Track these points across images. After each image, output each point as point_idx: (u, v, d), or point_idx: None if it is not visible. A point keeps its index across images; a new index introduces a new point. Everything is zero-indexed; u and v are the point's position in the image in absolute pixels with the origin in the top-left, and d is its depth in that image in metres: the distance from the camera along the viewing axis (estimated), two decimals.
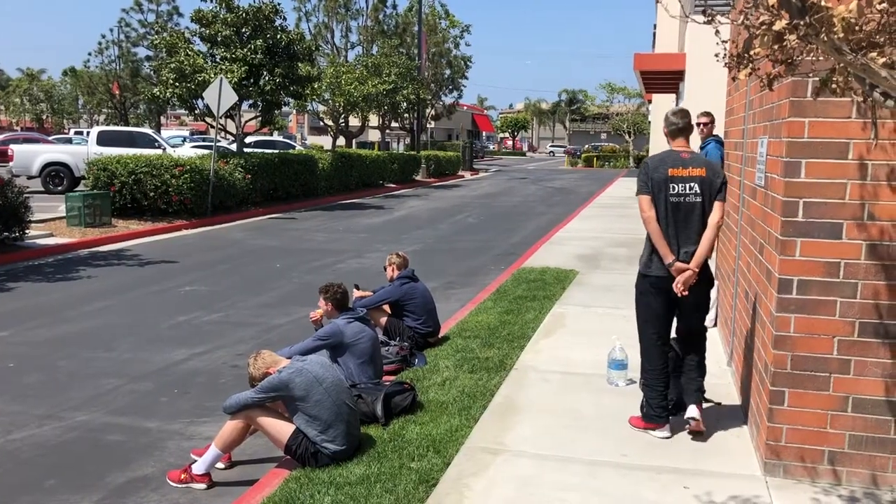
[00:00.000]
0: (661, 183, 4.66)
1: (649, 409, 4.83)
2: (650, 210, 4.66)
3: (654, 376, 4.81)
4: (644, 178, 4.73)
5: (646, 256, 4.77)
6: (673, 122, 4.87)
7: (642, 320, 4.89)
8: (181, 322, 8.51)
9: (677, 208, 4.66)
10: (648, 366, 4.85)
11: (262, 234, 15.89)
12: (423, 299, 6.99)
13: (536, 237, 15.43)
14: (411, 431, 4.88)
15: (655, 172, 4.68)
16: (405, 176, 32.61)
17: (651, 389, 4.82)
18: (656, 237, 4.64)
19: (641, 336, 4.91)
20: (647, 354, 4.86)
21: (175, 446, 5.21)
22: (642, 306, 4.88)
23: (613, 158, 56.34)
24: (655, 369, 4.81)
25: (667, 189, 4.65)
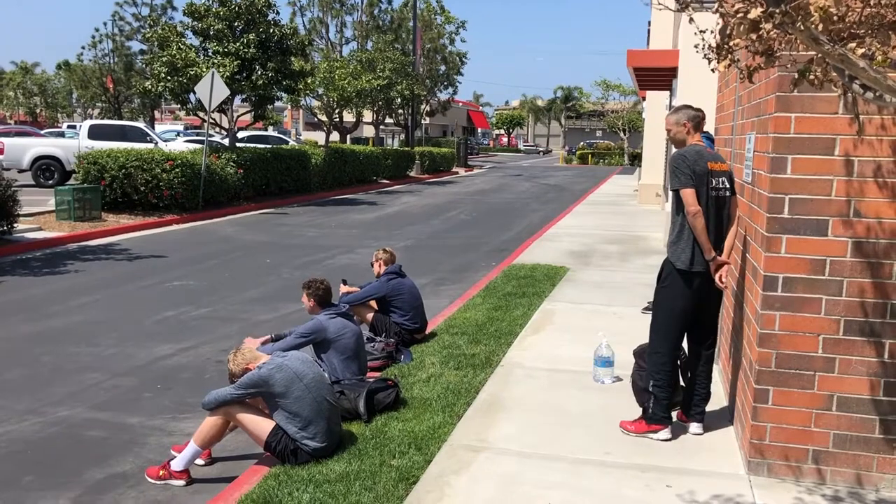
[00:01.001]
0: (702, 176, 4.55)
1: (657, 410, 4.72)
2: (698, 204, 4.51)
3: (668, 377, 4.72)
4: (686, 170, 4.54)
5: (687, 253, 4.60)
6: (695, 114, 4.78)
7: (671, 319, 4.71)
8: (168, 317, 8.44)
9: (714, 203, 4.60)
10: (664, 367, 4.72)
11: (252, 230, 15.82)
12: (411, 295, 6.93)
13: (529, 234, 15.38)
14: (393, 428, 4.83)
15: (697, 165, 4.56)
16: (399, 172, 32.55)
17: (663, 390, 4.71)
18: (702, 232, 4.51)
19: (663, 335, 4.73)
20: (667, 354, 4.72)
21: (156, 442, 5.15)
22: (675, 305, 4.69)
23: (608, 156, 56.33)
24: (671, 370, 4.73)
25: (708, 183, 4.57)
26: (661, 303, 4.80)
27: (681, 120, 4.79)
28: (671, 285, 4.72)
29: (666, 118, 4.94)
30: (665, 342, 4.71)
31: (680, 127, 4.79)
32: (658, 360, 4.73)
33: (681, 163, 4.59)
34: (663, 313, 4.75)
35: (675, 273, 4.68)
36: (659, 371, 4.71)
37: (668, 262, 4.78)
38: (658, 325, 4.78)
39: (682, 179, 4.57)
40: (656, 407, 4.70)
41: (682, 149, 4.70)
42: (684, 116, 4.79)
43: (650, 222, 17.23)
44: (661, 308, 4.78)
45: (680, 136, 4.80)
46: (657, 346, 4.75)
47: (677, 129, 4.81)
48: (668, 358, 4.70)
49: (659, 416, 4.70)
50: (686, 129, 4.77)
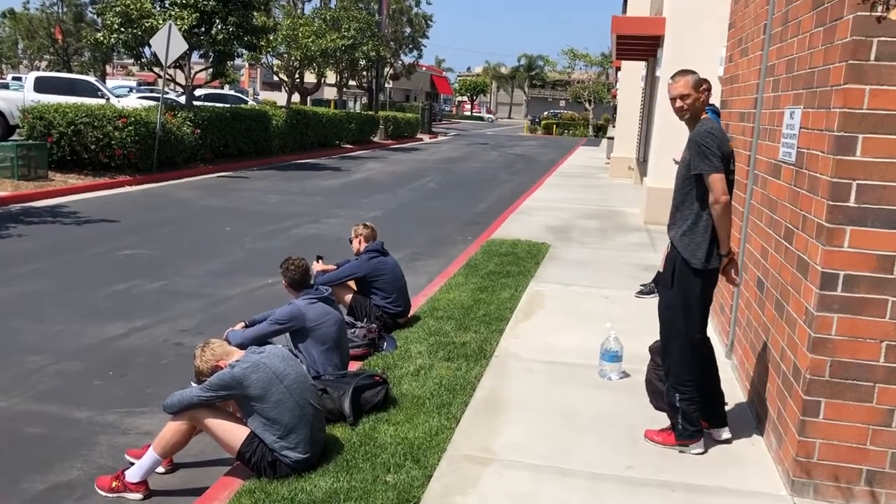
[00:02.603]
0: (727, 159, 3.96)
1: (688, 425, 4.15)
2: (727, 193, 3.92)
3: (694, 387, 4.15)
4: (717, 151, 3.91)
5: (703, 248, 4.01)
6: (705, 78, 4.16)
7: (691, 323, 4.13)
8: (120, 290, 7.69)
9: (731, 188, 4.03)
10: (688, 377, 4.14)
11: (211, 194, 14.96)
12: (393, 275, 6.31)
13: (502, 206, 14.81)
14: (384, 433, 4.23)
15: (724, 146, 3.94)
16: (362, 136, 31.62)
17: (692, 403, 4.15)
18: (729, 226, 3.96)
19: (683, 343, 4.15)
20: (688, 363, 4.14)
21: (107, 443, 4.48)
22: (694, 306, 4.11)
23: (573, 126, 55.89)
24: (695, 379, 4.16)
25: (728, 166, 3.98)
26: (675, 306, 4.17)
27: (700, 82, 4.08)
28: (686, 286, 4.10)
29: (675, 83, 4.13)
30: (688, 350, 4.15)
31: (699, 92, 4.07)
32: (682, 372, 4.16)
33: (710, 141, 3.92)
34: (680, 318, 4.15)
35: (688, 271, 4.07)
36: (684, 383, 4.15)
37: (677, 258, 4.13)
38: (676, 332, 4.19)
39: (713, 163, 3.91)
40: (686, 422, 4.15)
41: (709, 125, 4.02)
42: (701, 78, 4.09)
43: (624, 197, 16.78)
44: (677, 312, 4.16)
45: (699, 105, 4.08)
46: (679, 356, 4.17)
47: (696, 95, 4.05)
48: (693, 367, 4.15)
49: (690, 431, 4.16)
50: (705, 97, 4.08)
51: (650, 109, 18.48)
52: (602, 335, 6.15)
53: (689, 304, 4.11)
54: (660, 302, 4.32)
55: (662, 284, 4.28)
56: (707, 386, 4.23)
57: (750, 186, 5.47)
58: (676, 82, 4.13)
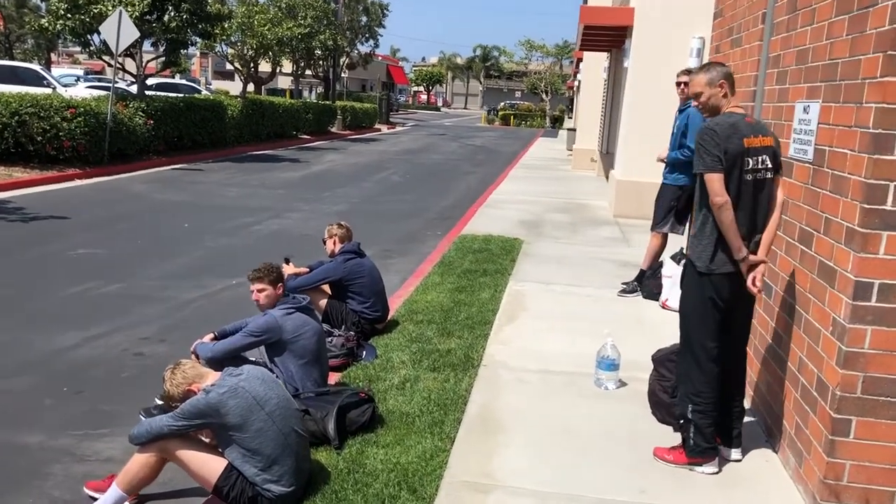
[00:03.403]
0: (735, 157, 3.67)
1: (700, 441, 3.87)
2: (725, 193, 3.64)
3: (710, 400, 3.86)
4: (714, 149, 3.65)
5: (708, 251, 3.77)
6: (729, 71, 3.87)
7: (701, 330, 3.86)
8: (72, 294, 7.16)
9: (750, 187, 3.73)
10: (703, 388, 3.86)
11: (166, 188, 14.34)
12: (371, 278, 5.93)
13: (469, 199, 14.49)
14: (374, 458, 3.86)
15: (730, 143, 3.66)
16: (320, 127, 30.97)
17: (706, 417, 3.87)
18: (730, 227, 3.66)
19: (695, 351, 3.89)
20: (703, 373, 3.86)
21: (63, 472, 4.02)
22: (702, 313, 3.85)
23: (530, 117, 55.78)
24: (712, 391, 3.87)
25: (742, 164, 3.69)
26: (686, 313, 3.96)
27: (715, 79, 3.82)
28: (692, 289, 3.89)
29: (692, 80, 3.94)
30: (702, 359, 3.86)
31: (715, 88, 3.82)
32: (695, 381, 3.87)
33: (708, 139, 3.68)
34: (691, 325, 3.90)
35: (694, 275, 3.85)
36: (698, 394, 3.86)
37: (687, 259, 3.96)
38: (688, 340, 3.93)
39: (708, 161, 3.66)
40: (698, 437, 3.87)
41: (713, 120, 3.76)
42: (719, 75, 3.82)
43: (589, 189, 16.59)
44: (688, 319, 3.93)
45: (715, 102, 3.84)
46: (691, 365, 3.90)
47: (711, 91, 3.82)
48: (708, 377, 3.85)
49: (702, 447, 3.88)
50: (723, 92, 3.83)
51: (613, 101, 18.32)
52: (590, 339, 5.90)
53: (698, 309, 3.85)
54: (679, 306, 4.04)
55: (681, 287, 4.00)
56: (725, 401, 3.95)
57: None
58: (691, 80, 3.95)
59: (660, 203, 7.30)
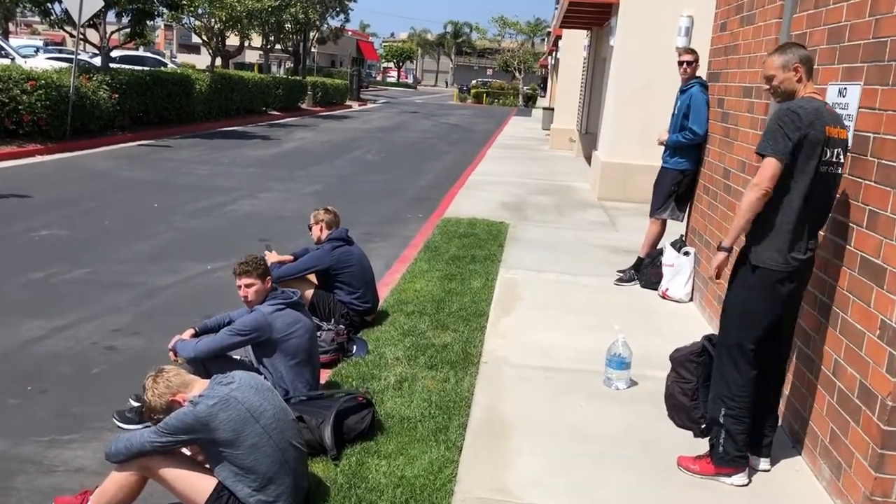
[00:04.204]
0: (815, 145, 3.31)
1: (731, 448, 3.59)
2: (772, 185, 3.30)
3: (745, 405, 3.58)
4: (792, 132, 3.28)
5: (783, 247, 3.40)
6: (808, 54, 3.48)
7: (746, 331, 3.54)
8: (35, 280, 6.68)
9: (822, 181, 3.39)
10: (739, 392, 3.57)
11: (132, 165, 13.74)
12: (360, 268, 5.56)
13: (448, 180, 14.11)
14: (376, 470, 3.52)
15: (812, 128, 3.29)
16: (290, 103, 30.28)
17: (739, 423, 3.58)
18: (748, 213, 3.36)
19: (736, 352, 3.58)
20: (741, 375, 3.57)
21: (27, 486, 3.62)
22: (752, 312, 3.52)
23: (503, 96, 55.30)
24: (748, 396, 3.58)
25: (820, 154, 3.33)
26: (731, 311, 3.61)
27: (790, 63, 3.44)
28: (744, 286, 3.54)
29: (766, 62, 3.56)
30: (741, 361, 3.57)
31: (789, 72, 3.45)
32: (731, 384, 3.58)
33: (789, 122, 3.31)
34: (734, 323, 3.59)
35: (749, 270, 3.51)
36: (733, 397, 3.57)
37: (746, 254, 3.56)
38: (728, 338, 3.62)
39: (779, 146, 3.29)
40: (729, 444, 3.58)
41: (797, 102, 3.38)
42: (795, 57, 3.45)
43: (570, 170, 16.32)
44: (733, 317, 3.60)
45: (789, 86, 3.46)
46: (729, 366, 3.60)
47: (785, 74, 3.45)
48: (745, 380, 3.56)
49: (733, 455, 3.60)
50: (797, 76, 3.45)
51: (594, 80, 18.01)
52: (592, 332, 5.62)
53: (748, 308, 3.52)
54: (724, 301, 3.72)
55: (729, 282, 3.68)
56: (760, 408, 3.66)
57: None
58: (766, 62, 3.55)
59: (659, 188, 7.00)
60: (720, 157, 6.10)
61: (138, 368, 4.88)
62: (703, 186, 6.62)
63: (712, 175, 6.31)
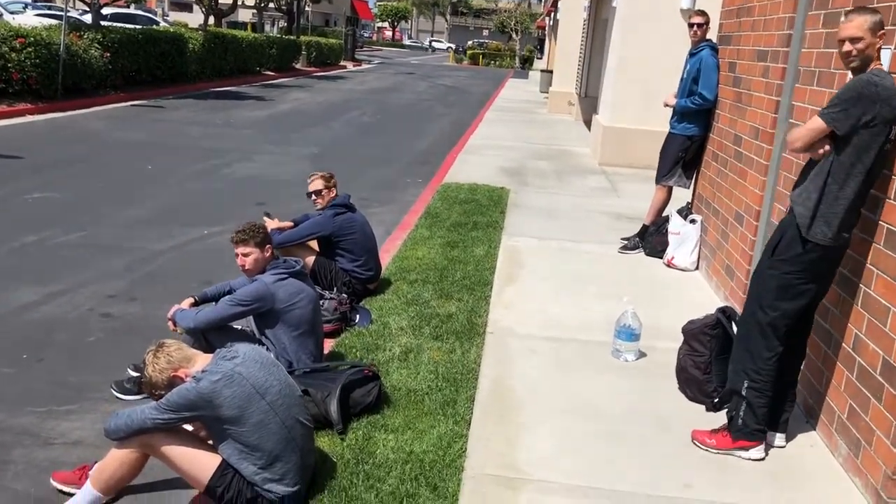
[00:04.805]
0: (889, 122, 3.11)
1: (751, 421, 3.51)
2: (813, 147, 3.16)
3: (769, 378, 3.48)
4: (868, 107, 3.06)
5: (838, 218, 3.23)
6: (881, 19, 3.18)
7: (780, 304, 3.40)
8: (28, 244, 6.53)
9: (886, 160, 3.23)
10: (764, 365, 3.47)
11: (125, 125, 13.49)
12: (363, 235, 5.43)
13: (446, 143, 13.91)
14: (384, 445, 3.43)
15: (888, 106, 3.07)
16: (284, 63, 29.82)
17: (762, 396, 3.49)
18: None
19: (766, 325, 3.45)
20: (769, 349, 3.46)
21: (24, 459, 3.52)
22: (791, 286, 3.38)
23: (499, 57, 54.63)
24: (772, 370, 3.48)
25: (889, 133, 3.14)
26: (767, 282, 3.44)
27: (878, 26, 3.14)
28: (787, 258, 3.36)
29: (847, 22, 3.19)
30: (770, 334, 3.46)
31: (876, 38, 3.15)
32: (757, 357, 3.48)
33: (867, 92, 3.06)
34: (771, 297, 3.43)
35: (797, 242, 3.32)
36: (759, 371, 3.48)
37: (791, 224, 3.37)
38: (762, 312, 3.47)
39: (844, 113, 3.09)
40: (749, 417, 3.50)
41: (879, 74, 3.11)
42: (881, 20, 3.15)
43: (569, 134, 16.12)
44: (768, 289, 3.44)
45: (871, 53, 3.17)
46: (757, 339, 3.49)
47: (872, 39, 3.14)
48: (771, 354, 3.47)
49: (752, 428, 3.52)
50: (879, 44, 3.18)
51: (594, 43, 17.72)
52: (598, 302, 5.53)
53: (789, 283, 3.38)
54: (754, 272, 3.61)
55: (763, 254, 3.54)
56: (782, 383, 3.58)
57: (781, 136, 4.80)
58: (849, 21, 3.19)
59: (666, 154, 6.85)
60: (731, 123, 5.96)
61: (136, 336, 4.79)
62: (711, 153, 6.48)
63: (722, 141, 6.17)
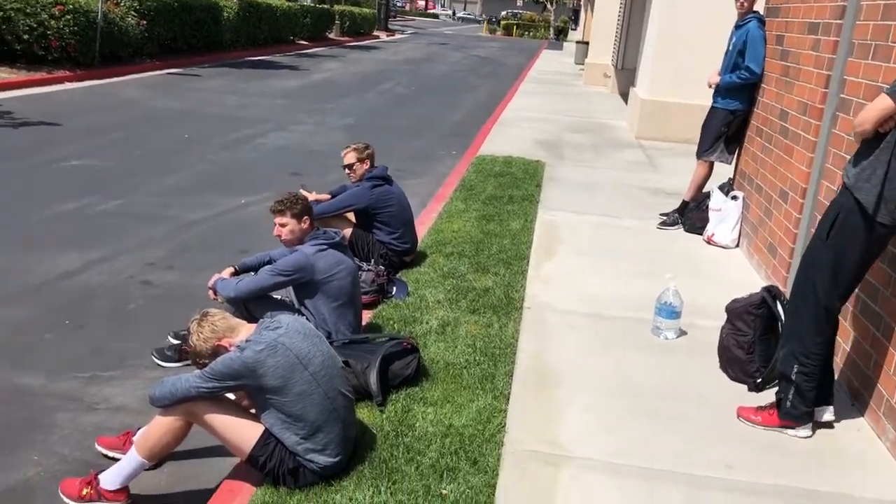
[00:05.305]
0: None
1: (800, 404, 3.44)
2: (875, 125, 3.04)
3: (819, 362, 3.41)
4: None
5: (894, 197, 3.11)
6: None
7: (835, 287, 3.31)
8: (68, 211, 6.61)
9: None
10: (816, 350, 3.39)
11: (161, 93, 13.56)
12: (400, 207, 5.40)
13: (481, 115, 13.80)
14: (423, 418, 3.43)
15: None
16: (317, 32, 29.76)
17: (811, 380, 3.42)
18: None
19: (819, 308, 3.35)
20: (820, 333, 3.39)
21: (69, 423, 3.58)
22: (847, 267, 3.28)
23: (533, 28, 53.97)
24: (823, 354, 3.42)
25: None
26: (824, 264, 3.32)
27: None
28: (846, 238, 3.24)
29: None
30: (822, 319, 3.37)
31: None
32: (808, 341, 3.39)
33: None
34: (825, 280, 3.32)
35: (859, 221, 3.20)
36: (809, 355, 3.40)
37: (845, 204, 3.26)
38: (813, 295, 3.37)
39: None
40: (798, 400, 3.43)
41: None
42: None
43: (606, 107, 15.90)
44: (823, 272, 3.33)
45: None
46: (810, 323, 3.40)
47: None
48: (823, 337, 3.39)
49: (801, 411, 3.45)
50: None
51: (632, 13, 17.39)
52: (638, 278, 5.47)
53: (843, 264, 3.28)
54: (806, 254, 3.52)
55: (817, 235, 3.45)
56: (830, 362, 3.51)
57: (831, 112, 4.67)
58: None
59: (708, 128, 6.71)
60: (777, 98, 5.81)
61: (175, 304, 4.84)
62: (755, 128, 6.34)
63: (767, 116, 6.02)
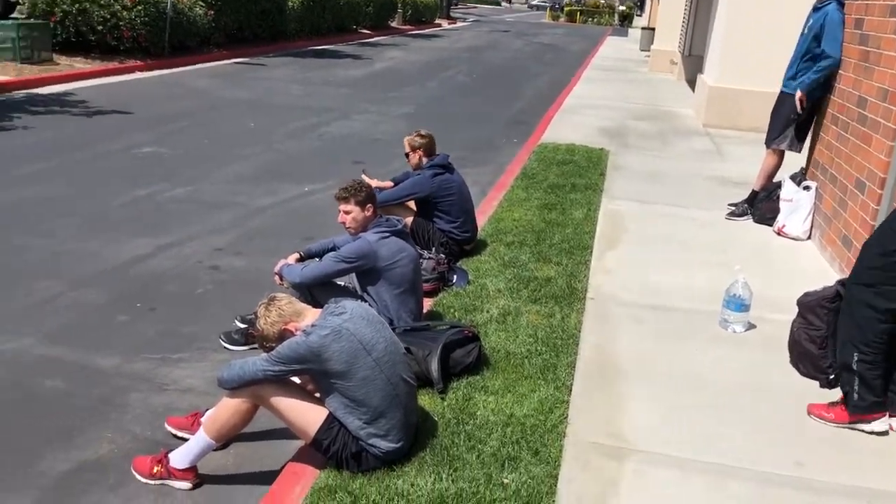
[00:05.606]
0: None
1: (867, 394, 3.34)
2: None
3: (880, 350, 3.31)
4: None
5: None
6: None
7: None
8: (139, 198, 6.80)
9: None
10: (875, 338, 3.29)
11: (228, 83, 13.81)
12: (461, 196, 5.39)
13: (543, 103, 13.67)
14: (484, 406, 3.42)
15: None
16: (380, 21, 29.87)
17: (875, 368, 3.33)
18: None
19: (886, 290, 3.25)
20: (884, 318, 3.29)
21: (141, 403, 3.69)
22: None
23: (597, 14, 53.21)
24: (884, 343, 3.31)
25: None
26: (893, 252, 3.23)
27: None
28: None
29: None
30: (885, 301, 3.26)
31: None
32: (867, 330, 3.30)
33: None
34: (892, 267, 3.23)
35: None
36: (869, 343, 3.29)
37: None
38: (877, 275, 3.27)
39: None
40: (864, 390, 3.33)
41: None
42: None
43: (672, 94, 15.57)
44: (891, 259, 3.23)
45: None
46: (869, 315, 3.30)
47: None
48: (888, 324, 3.28)
49: (870, 401, 3.34)
50: None
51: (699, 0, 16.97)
52: (705, 270, 5.36)
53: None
54: (871, 240, 3.40)
55: (887, 222, 3.33)
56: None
57: None
58: None
59: (778, 115, 6.51)
60: (855, 84, 5.60)
61: (242, 289, 4.94)
62: (830, 116, 6.12)
63: (843, 103, 5.81)
